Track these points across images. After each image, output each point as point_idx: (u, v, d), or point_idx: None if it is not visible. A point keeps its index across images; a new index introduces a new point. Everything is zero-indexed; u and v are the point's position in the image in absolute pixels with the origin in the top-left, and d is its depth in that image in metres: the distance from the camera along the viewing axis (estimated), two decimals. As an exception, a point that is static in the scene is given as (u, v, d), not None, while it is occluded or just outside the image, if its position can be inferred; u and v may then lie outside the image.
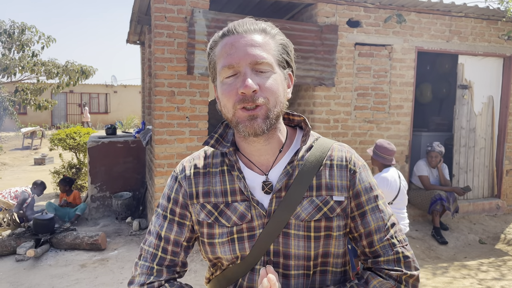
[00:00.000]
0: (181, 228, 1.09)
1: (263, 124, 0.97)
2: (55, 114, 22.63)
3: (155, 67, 4.67)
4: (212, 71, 1.05)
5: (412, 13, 5.54)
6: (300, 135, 1.13)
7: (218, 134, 1.11)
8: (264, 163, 1.07)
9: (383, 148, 3.71)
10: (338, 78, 5.32)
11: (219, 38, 1.02)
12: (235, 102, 0.97)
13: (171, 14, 4.62)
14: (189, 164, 1.13)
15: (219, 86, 1.01)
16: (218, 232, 1.05)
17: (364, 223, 1.07)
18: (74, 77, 8.60)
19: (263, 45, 0.98)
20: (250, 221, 1.03)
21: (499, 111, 6.25)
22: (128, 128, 18.22)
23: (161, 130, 4.72)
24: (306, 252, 1.02)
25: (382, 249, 1.05)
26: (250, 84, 0.94)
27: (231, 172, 1.07)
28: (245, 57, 0.96)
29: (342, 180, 1.06)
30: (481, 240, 5.45)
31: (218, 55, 1.01)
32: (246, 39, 0.98)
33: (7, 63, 7.75)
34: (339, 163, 1.08)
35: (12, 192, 5.94)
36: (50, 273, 4.26)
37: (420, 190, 5.52)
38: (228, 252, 1.04)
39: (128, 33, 7.34)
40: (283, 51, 1.03)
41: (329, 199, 1.04)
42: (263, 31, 1.01)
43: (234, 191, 1.06)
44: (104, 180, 6.49)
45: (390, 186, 3.60)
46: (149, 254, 1.09)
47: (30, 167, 11.65)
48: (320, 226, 1.03)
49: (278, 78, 1.00)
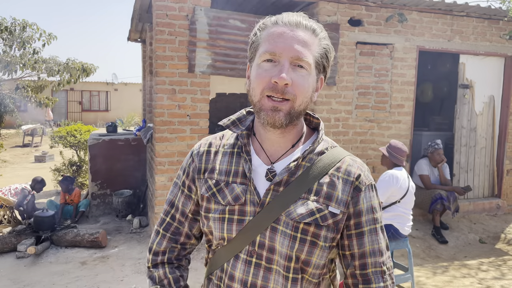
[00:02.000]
0: (187, 200, 1.18)
1: (284, 118, 1.00)
2: (55, 112, 22.62)
3: (156, 65, 4.66)
4: (252, 51, 1.07)
5: (414, 12, 5.53)
6: (315, 137, 1.14)
7: (236, 117, 1.15)
8: (273, 153, 1.10)
9: (397, 149, 3.78)
10: (339, 77, 5.32)
11: (270, 23, 1.04)
12: (264, 88, 0.99)
13: (173, 12, 4.61)
14: (205, 142, 1.20)
15: (255, 67, 1.04)
16: (214, 208, 1.10)
17: (360, 244, 1.07)
18: (75, 74, 8.58)
19: (309, 44, 1.01)
20: (243, 204, 1.06)
21: (500, 111, 6.24)
22: (128, 126, 18.21)
23: (162, 128, 4.72)
24: (289, 252, 1.03)
25: (373, 274, 1.06)
26: (285, 76, 0.96)
27: (240, 155, 1.11)
28: (289, 50, 0.98)
29: (343, 194, 1.06)
30: (481, 239, 5.45)
31: (264, 38, 1.03)
32: (295, 33, 1.00)
33: (8, 60, 7.74)
34: (345, 177, 1.07)
35: (13, 189, 5.94)
36: (50, 270, 4.26)
37: (421, 190, 5.52)
38: (218, 229, 1.08)
39: (129, 31, 7.33)
40: (324, 55, 1.06)
41: (324, 207, 1.04)
42: (313, 31, 1.04)
43: (236, 173, 1.09)
44: (105, 177, 6.49)
45: (399, 184, 3.62)
46: (160, 219, 1.23)
47: (30, 164, 11.65)
48: (308, 230, 1.02)
49: (311, 79, 1.03)
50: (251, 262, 1.05)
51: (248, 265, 1.05)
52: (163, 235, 1.20)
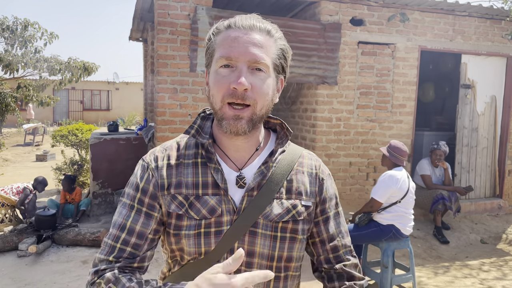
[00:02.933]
0: (148, 219, 1.04)
1: (246, 125, 0.99)
2: (56, 111, 22.65)
3: (158, 64, 4.66)
4: (208, 57, 1.06)
5: (416, 12, 5.52)
6: (273, 137, 1.15)
7: (197, 125, 1.11)
8: (239, 159, 1.09)
9: (398, 149, 3.77)
10: (341, 76, 5.31)
11: (224, 28, 1.02)
12: (224, 95, 0.98)
13: (174, 11, 4.61)
14: (161, 154, 1.10)
15: (213, 73, 1.02)
16: (186, 224, 1.02)
17: (327, 228, 1.13)
18: (77, 73, 8.58)
19: (265, 46, 0.99)
20: (219, 216, 1.02)
21: (501, 111, 6.23)
22: (130, 125, 18.22)
23: (163, 127, 4.72)
24: (271, 252, 1.04)
25: (345, 254, 1.14)
26: (244, 82, 0.95)
27: (205, 164, 1.06)
28: (245, 53, 0.97)
29: (311, 187, 1.11)
30: (482, 240, 5.44)
31: (219, 43, 1.01)
32: (249, 37, 0.98)
33: (9, 59, 7.74)
34: (309, 171, 1.13)
35: (14, 188, 5.95)
36: (51, 269, 4.27)
37: (422, 189, 5.51)
38: (193, 245, 1.02)
39: (130, 30, 7.34)
40: (281, 56, 1.04)
41: (298, 203, 1.07)
42: (268, 33, 1.02)
43: (206, 184, 1.05)
44: (106, 176, 6.50)
45: (399, 184, 3.62)
46: (107, 246, 1.02)
47: (32, 163, 11.67)
48: (286, 228, 1.05)
49: (270, 81, 1.02)
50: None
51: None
52: (110, 262, 1.00)
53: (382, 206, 3.71)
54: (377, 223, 3.74)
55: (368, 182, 5.61)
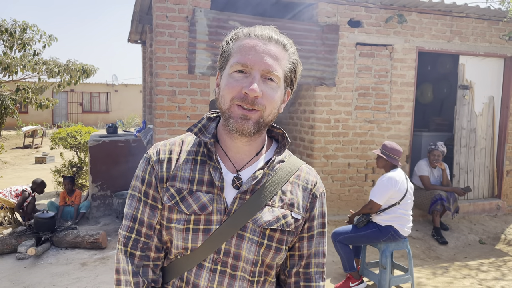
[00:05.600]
0: (153, 211, 1.11)
1: (252, 127, 1.03)
2: (56, 113, 22.65)
3: (156, 66, 4.67)
4: (223, 60, 1.09)
5: (413, 13, 5.54)
6: (275, 146, 1.19)
7: (201, 124, 1.15)
8: (238, 161, 1.12)
9: (393, 149, 3.79)
10: (339, 78, 5.33)
11: (243, 35, 1.07)
12: (234, 97, 1.02)
13: (173, 13, 4.63)
14: (163, 148, 1.14)
15: (226, 76, 1.05)
16: (176, 218, 1.06)
17: (310, 245, 1.16)
18: (76, 76, 8.58)
19: (279, 59, 1.04)
20: (209, 214, 1.05)
21: (499, 112, 6.25)
22: (129, 127, 18.23)
23: (162, 129, 4.72)
24: (255, 257, 1.06)
25: (315, 274, 1.17)
26: (256, 88, 0.99)
27: (204, 163, 1.10)
28: (260, 63, 1.01)
29: (303, 201, 1.13)
30: (481, 240, 5.45)
31: (236, 49, 1.05)
32: (266, 47, 1.03)
33: (8, 61, 7.73)
34: (304, 185, 1.15)
35: (13, 190, 5.95)
36: (50, 271, 4.27)
37: (421, 190, 5.53)
38: (181, 239, 1.06)
39: (129, 32, 7.35)
40: (293, 69, 1.09)
41: (288, 213, 1.10)
42: (284, 46, 1.07)
43: (201, 181, 1.08)
44: (105, 179, 6.50)
45: (398, 186, 3.63)
46: (123, 238, 1.11)
47: (31, 165, 11.67)
48: (273, 236, 1.07)
49: (279, 92, 1.06)
50: (216, 270, 1.05)
51: (213, 273, 1.05)
52: (131, 254, 1.10)
53: (381, 208, 3.72)
54: (376, 224, 3.75)
55: (367, 183, 5.62)
